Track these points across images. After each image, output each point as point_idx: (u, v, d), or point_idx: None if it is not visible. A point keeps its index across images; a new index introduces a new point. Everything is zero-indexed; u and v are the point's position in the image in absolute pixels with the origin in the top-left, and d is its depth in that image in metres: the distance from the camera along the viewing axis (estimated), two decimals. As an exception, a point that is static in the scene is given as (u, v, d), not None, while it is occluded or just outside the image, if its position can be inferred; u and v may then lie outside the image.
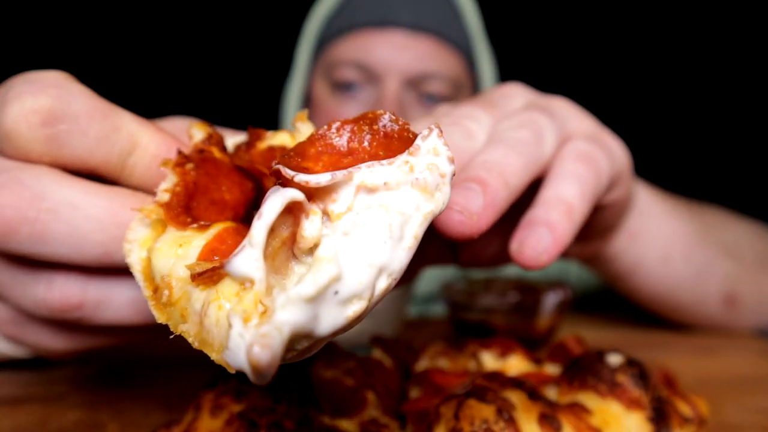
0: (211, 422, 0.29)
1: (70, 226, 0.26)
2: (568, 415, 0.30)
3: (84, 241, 0.26)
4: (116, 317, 0.29)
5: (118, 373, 0.51)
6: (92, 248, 0.27)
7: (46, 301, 0.28)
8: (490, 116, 0.36)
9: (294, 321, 0.18)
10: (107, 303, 0.29)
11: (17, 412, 0.41)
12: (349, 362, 0.40)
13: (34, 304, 0.28)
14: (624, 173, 0.42)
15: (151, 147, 0.28)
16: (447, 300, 0.61)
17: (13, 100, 0.26)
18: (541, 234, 0.32)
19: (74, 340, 0.32)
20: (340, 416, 0.33)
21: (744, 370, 0.52)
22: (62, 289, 0.28)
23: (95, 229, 0.26)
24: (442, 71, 0.84)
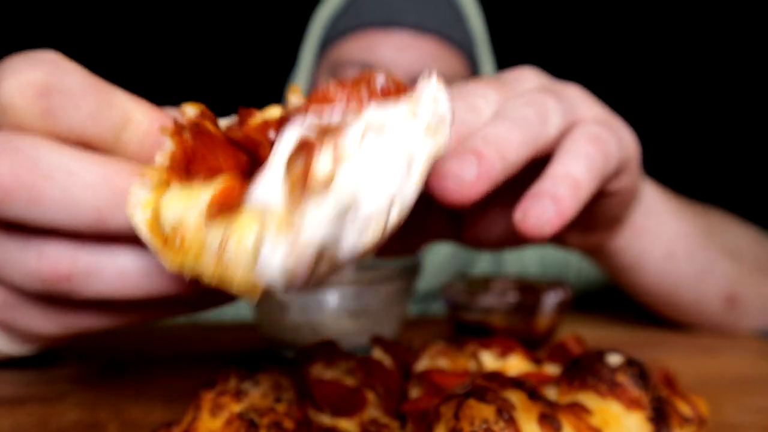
0: (211, 422, 0.29)
1: (65, 191, 0.26)
2: (568, 415, 0.30)
3: (78, 206, 0.26)
4: (105, 289, 0.28)
5: (118, 373, 0.51)
6: (86, 213, 0.27)
7: (38, 271, 0.28)
8: (498, 94, 0.37)
9: (319, 238, 0.19)
10: (97, 273, 0.28)
11: (17, 411, 0.41)
12: (349, 362, 0.40)
13: (26, 275, 0.28)
14: (632, 161, 0.43)
15: (144, 123, 0.28)
16: (447, 300, 0.61)
17: (8, 75, 0.26)
18: (546, 205, 0.33)
19: (65, 320, 0.32)
20: (340, 416, 0.33)
21: (744, 370, 0.52)
22: (53, 257, 0.28)
23: (90, 194, 0.26)
24: (445, 71, 0.84)
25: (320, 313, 0.54)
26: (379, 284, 0.55)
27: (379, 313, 0.56)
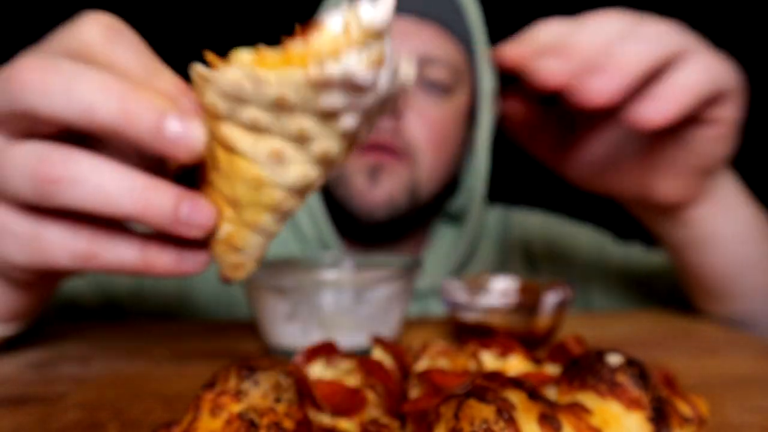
0: (210, 422, 0.29)
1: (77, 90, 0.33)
2: (568, 415, 0.30)
3: (77, 98, 0.32)
4: (84, 197, 0.34)
5: (118, 373, 0.51)
6: (79, 102, 0.32)
7: (34, 171, 0.34)
8: (621, 22, 0.53)
9: (386, 51, 0.29)
10: (81, 182, 0.33)
11: (17, 411, 0.41)
12: (349, 362, 0.40)
13: (23, 176, 0.34)
14: (733, 93, 0.54)
15: (171, 77, 0.36)
16: (447, 300, 0.61)
17: (88, 15, 0.36)
18: (660, 101, 0.50)
19: (36, 247, 0.37)
20: (339, 416, 0.33)
21: (744, 370, 0.52)
22: (49, 162, 0.34)
23: (89, 88, 0.32)
24: (444, 58, 0.86)
25: (320, 313, 0.54)
26: (379, 284, 0.55)
27: (379, 313, 0.56)
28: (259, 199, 0.34)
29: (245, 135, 0.32)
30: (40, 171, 0.34)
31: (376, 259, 0.66)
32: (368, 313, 0.55)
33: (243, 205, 0.34)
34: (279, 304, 0.54)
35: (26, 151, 0.34)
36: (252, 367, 0.31)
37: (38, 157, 0.34)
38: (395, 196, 0.83)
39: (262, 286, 0.55)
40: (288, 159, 0.32)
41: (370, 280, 0.54)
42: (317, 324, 0.54)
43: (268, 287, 0.54)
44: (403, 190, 0.84)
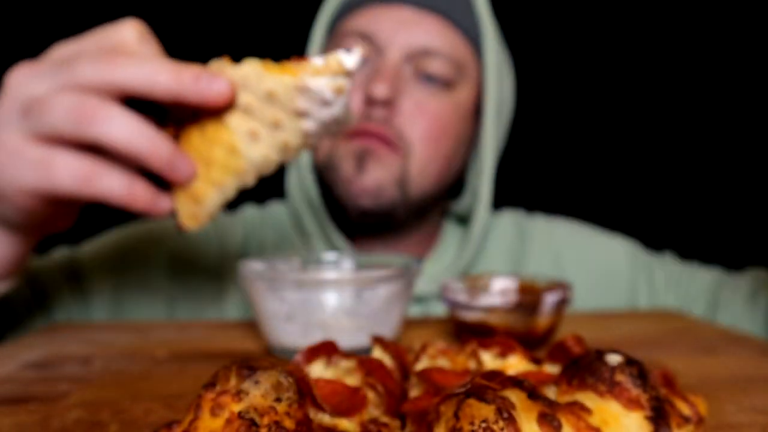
0: (211, 422, 0.29)
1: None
2: (568, 414, 0.30)
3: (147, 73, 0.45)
4: (110, 133, 0.45)
5: (119, 373, 0.51)
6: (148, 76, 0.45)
7: (76, 109, 0.44)
8: None
9: (347, 86, 0.44)
10: (110, 121, 0.45)
11: (18, 410, 0.42)
12: (350, 362, 0.40)
13: (66, 113, 0.44)
14: None
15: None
16: (447, 300, 0.61)
17: (125, 20, 0.48)
18: None
19: (48, 170, 0.46)
20: (340, 416, 0.33)
21: (743, 370, 0.52)
22: (90, 104, 0.45)
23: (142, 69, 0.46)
24: (445, 50, 0.84)
25: (320, 313, 0.54)
26: (379, 284, 0.55)
27: (379, 313, 0.56)
28: (229, 163, 0.47)
29: (236, 114, 0.46)
30: (82, 108, 0.44)
31: (376, 259, 0.67)
32: (368, 312, 0.55)
33: (214, 165, 0.47)
34: (279, 304, 0.54)
35: (71, 96, 0.45)
36: (252, 367, 0.31)
37: (81, 100, 0.44)
38: (383, 185, 0.81)
39: (262, 286, 0.55)
40: (260, 139, 0.47)
41: (370, 280, 0.54)
42: (317, 324, 0.54)
43: (268, 287, 0.54)
44: (392, 180, 0.82)
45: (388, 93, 0.79)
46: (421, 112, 0.82)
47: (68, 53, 0.48)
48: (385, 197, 0.82)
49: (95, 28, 0.49)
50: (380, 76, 0.81)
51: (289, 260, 0.66)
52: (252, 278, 0.55)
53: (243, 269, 0.56)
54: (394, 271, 0.55)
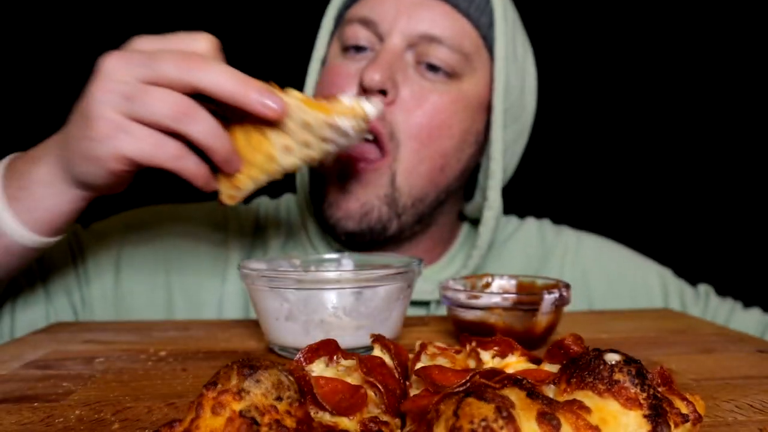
0: (212, 420, 0.29)
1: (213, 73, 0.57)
2: (567, 413, 0.30)
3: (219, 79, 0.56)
4: (197, 131, 0.57)
5: (121, 373, 0.52)
6: (220, 82, 0.56)
7: (174, 106, 0.56)
8: None
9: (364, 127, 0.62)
10: (198, 122, 0.57)
11: (21, 409, 0.42)
12: (350, 361, 0.41)
13: (167, 108, 0.56)
14: None
15: None
16: (447, 300, 0.61)
17: (200, 33, 0.59)
18: None
19: (153, 142, 0.57)
20: (340, 414, 0.33)
21: (740, 369, 0.52)
22: (185, 104, 0.56)
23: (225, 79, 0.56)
24: (450, 38, 0.79)
25: (321, 312, 0.54)
26: (379, 284, 0.55)
27: (379, 313, 0.56)
28: (266, 166, 0.62)
29: (276, 130, 0.60)
30: (179, 107, 0.56)
31: (376, 259, 0.67)
32: (368, 312, 0.55)
33: (255, 166, 0.62)
34: (280, 303, 0.55)
35: (169, 93, 0.56)
36: (253, 366, 0.31)
37: (178, 99, 0.56)
38: (368, 207, 0.78)
39: (263, 286, 0.55)
40: (293, 153, 0.62)
41: (370, 280, 0.54)
42: (318, 323, 0.54)
43: (269, 287, 0.55)
44: (380, 198, 0.78)
45: (381, 81, 0.75)
46: (418, 103, 0.78)
47: (151, 48, 0.58)
48: (371, 218, 0.78)
49: (175, 33, 0.60)
50: (375, 63, 0.77)
51: (290, 259, 0.66)
52: (253, 277, 0.55)
53: (244, 268, 0.57)
54: (394, 271, 0.55)
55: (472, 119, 0.83)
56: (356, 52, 0.83)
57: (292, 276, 0.54)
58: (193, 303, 0.85)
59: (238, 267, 0.58)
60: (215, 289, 0.86)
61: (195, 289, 0.86)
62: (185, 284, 0.85)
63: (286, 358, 0.56)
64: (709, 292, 0.96)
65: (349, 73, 0.81)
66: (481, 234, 0.84)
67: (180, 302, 0.85)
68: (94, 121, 0.57)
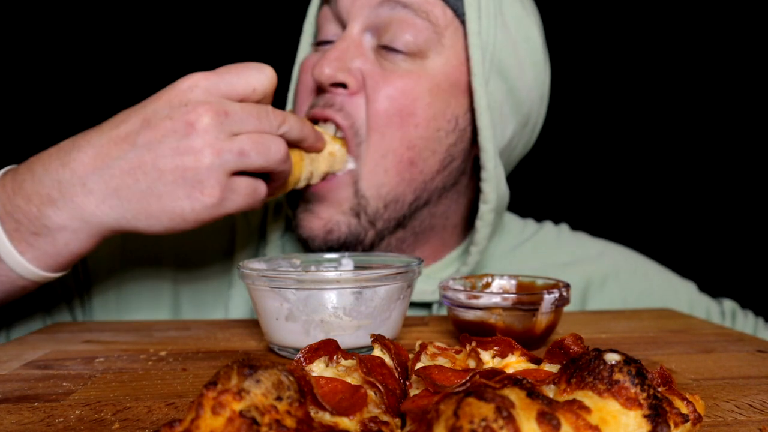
0: (212, 420, 0.29)
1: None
2: (567, 413, 0.30)
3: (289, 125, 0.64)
4: (265, 161, 0.60)
5: (121, 372, 0.52)
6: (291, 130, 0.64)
7: (239, 147, 0.58)
8: None
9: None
10: (265, 153, 0.60)
11: (22, 409, 0.42)
12: (350, 361, 0.41)
13: (230, 151, 0.58)
14: None
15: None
16: (446, 300, 0.61)
17: (262, 66, 0.63)
18: None
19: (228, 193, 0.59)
20: (340, 414, 0.33)
21: (740, 369, 0.52)
22: (248, 143, 0.59)
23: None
24: (418, 4, 0.72)
25: (321, 312, 0.54)
26: (379, 284, 0.55)
27: (380, 312, 0.56)
28: (288, 187, 0.69)
29: (311, 159, 0.70)
30: (240, 147, 0.59)
31: (376, 259, 0.67)
32: (368, 312, 0.55)
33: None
34: (280, 303, 0.55)
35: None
36: (253, 366, 0.31)
37: (241, 143, 0.59)
38: (332, 224, 0.74)
39: (263, 286, 0.55)
40: (311, 179, 0.71)
41: (370, 280, 0.54)
42: (318, 323, 0.54)
43: (269, 287, 0.55)
44: (345, 212, 0.74)
45: (331, 74, 0.71)
46: (378, 87, 0.71)
47: (221, 90, 0.59)
48: (337, 234, 0.74)
49: (234, 67, 0.61)
50: (325, 56, 0.72)
51: (290, 260, 0.67)
52: (253, 277, 0.55)
53: (244, 268, 0.57)
54: (394, 271, 0.55)
55: (444, 104, 0.74)
56: (324, 44, 0.80)
57: (292, 276, 0.54)
58: (200, 310, 0.83)
59: (238, 267, 0.58)
60: (222, 293, 0.84)
61: (202, 295, 0.84)
62: (192, 290, 0.83)
63: (286, 358, 0.56)
64: (735, 309, 0.93)
65: (310, 63, 0.78)
66: (478, 229, 0.77)
67: (187, 309, 0.83)
68: (205, 185, 0.57)
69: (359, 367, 0.37)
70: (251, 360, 0.32)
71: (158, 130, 0.57)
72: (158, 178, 0.57)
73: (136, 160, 0.57)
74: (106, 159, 0.57)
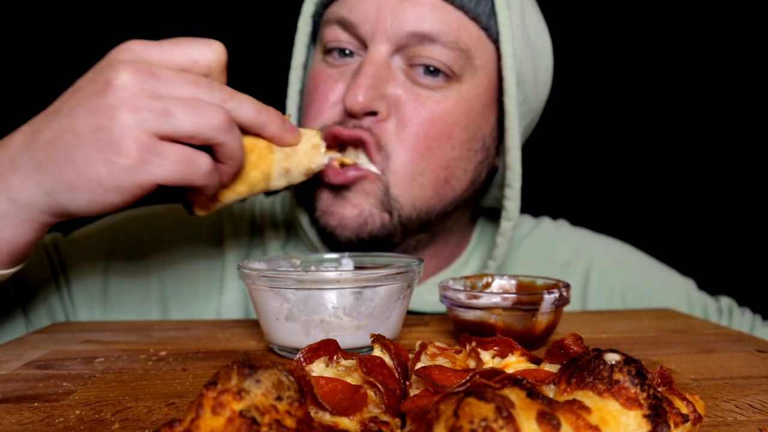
0: (212, 420, 0.29)
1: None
2: (567, 413, 0.30)
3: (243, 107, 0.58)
4: (235, 141, 0.56)
5: (121, 372, 0.52)
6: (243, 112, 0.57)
7: (210, 120, 0.53)
8: None
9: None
10: (236, 131, 0.56)
11: (22, 409, 0.42)
12: (350, 361, 0.41)
13: (210, 121, 0.53)
14: None
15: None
16: (446, 300, 0.61)
17: (211, 43, 0.58)
18: None
19: (177, 163, 0.52)
20: (340, 414, 0.33)
21: (740, 369, 0.52)
22: (219, 115, 0.54)
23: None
24: (445, 34, 0.70)
25: (321, 312, 0.54)
26: (379, 284, 0.55)
27: (380, 312, 0.56)
28: (256, 184, 0.62)
29: (282, 152, 0.62)
30: (227, 116, 0.55)
31: (376, 259, 0.67)
32: (368, 312, 0.55)
33: (245, 182, 0.61)
34: (280, 303, 0.55)
35: (216, 105, 0.54)
36: (253, 366, 0.31)
37: (224, 109, 0.55)
38: (365, 214, 0.72)
39: (263, 286, 0.55)
40: (289, 177, 0.64)
41: (370, 280, 0.54)
42: (318, 323, 0.54)
43: (269, 287, 0.55)
44: (376, 204, 0.72)
45: (365, 103, 0.68)
46: (413, 113, 0.71)
47: (160, 58, 0.54)
48: (371, 226, 0.72)
49: (177, 39, 0.57)
50: (357, 81, 0.69)
51: (290, 259, 0.66)
52: (253, 277, 0.55)
53: (244, 268, 0.57)
54: (394, 271, 0.55)
55: (476, 125, 0.75)
56: (340, 57, 0.75)
57: (292, 276, 0.54)
58: (190, 316, 0.82)
59: (238, 267, 0.58)
60: (213, 300, 0.82)
61: (192, 302, 0.82)
62: (181, 297, 0.82)
63: (286, 358, 0.56)
64: (732, 306, 0.94)
65: (334, 85, 0.75)
66: (499, 245, 0.78)
67: (176, 316, 0.81)
68: (120, 146, 0.50)
69: (359, 367, 0.37)
70: (251, 360, 0.32)
71: (80, 93, 0.53)
72: (75, 143, 0.51)
73: (57, 128, 0.52)
74: (35, 133, 0.54)
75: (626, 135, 1.94)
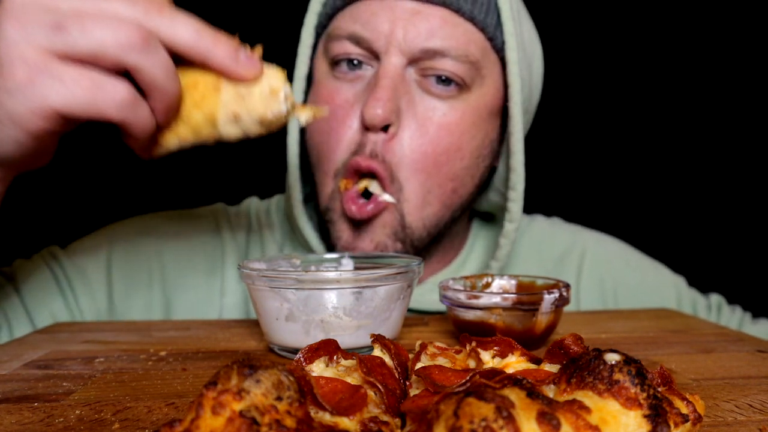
0: (212, 420, 0.29)
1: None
2: (567, 413, 0.30)
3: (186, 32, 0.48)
4: (156, 65, 0.46)
5: (121, 372, 0.52)
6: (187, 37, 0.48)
7: (126, 38, 0.45)
8: None
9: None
10: (156, 53, 0.46)
11: (22, 409, 0.42)
12: (350, 361, 0.41)
13: (115, 37, 0.45)
14: None
15: None
16: (446, 300, 0.61)
17: None
18: None
19: (86, 90, 0.45)
20: (340, 414, 0.33)
21: (740, 369, 0.52)
22: (132, 31, 0.45)
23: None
24: (455, 49, 0.71)
25: (321, 312, 0.54)
26: (379, 284, 0.55)
27: (380, 312, 0.56)
28: (201, 129, 0.53)
29: (232, 91, 0.51)
30: (138, 32, 0.46)
31: (376, 259, 0.67)
32: (368, 311, 0.55)
33: (188, 125, 0.53)
34: (280, 303, 0.55)
35: (119, 20, 0.45)
36: (253, 366, 0.31)
37: (133, 25, 0.46)
38: (383, 245, 0.74)
39: (263, 286, 0.55)
40: (239, 123, 0.52)
41: (370, 280, 0.54)
42: (318, 323, 0.54)
43: (269, 287, 0.55)
44: (391, 235, 0.74)
45: (385, 116, 0.69)
46: (422, 129, 0.72)
47: None
48: (387, 251, 0.75)
49: None
50: (376, 94, 0.70)
51: (290, 259, 0.67)
52: (253, 277, 0.55)
53: (244, 268, 0.57)
54: (394, 271, 0.55)
55: (484, 132, 0.77)
56: (349, 69, 0.75)
57: (292, 276, 0.54)
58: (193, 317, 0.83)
59: (239, 267, 0.58)
60: (215, 302, 0.83)
61: (194, 305, 0.82)
62: (183, 301, 0.82)
63: (286, 358, 0.56)
64: (721, 303, 0.95)
65: (346, 100, 0.74)
66: (502, 246, 0.80)
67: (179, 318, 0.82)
68: (6, 66, 0.44)
69: (359, 367, 0.37)
70: (251, 360, 0.32)
71: None
72: None
73: None
74: None
75: (618, 134, 1.95)
